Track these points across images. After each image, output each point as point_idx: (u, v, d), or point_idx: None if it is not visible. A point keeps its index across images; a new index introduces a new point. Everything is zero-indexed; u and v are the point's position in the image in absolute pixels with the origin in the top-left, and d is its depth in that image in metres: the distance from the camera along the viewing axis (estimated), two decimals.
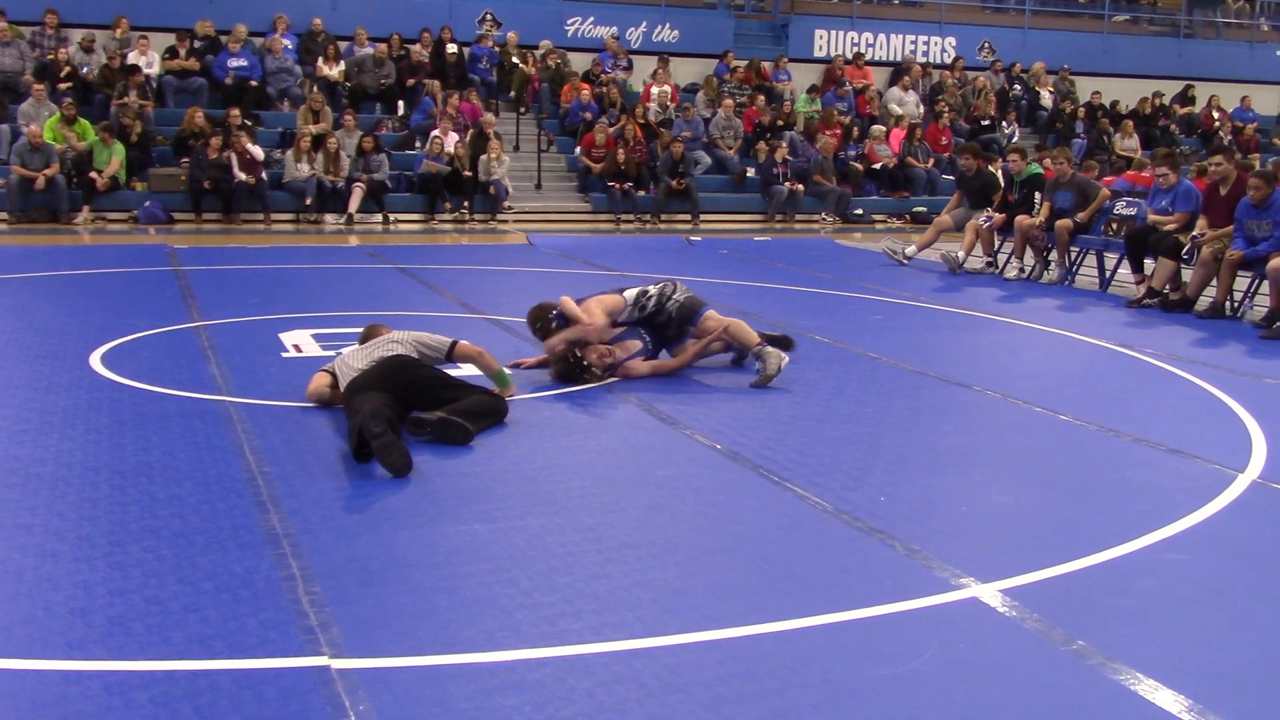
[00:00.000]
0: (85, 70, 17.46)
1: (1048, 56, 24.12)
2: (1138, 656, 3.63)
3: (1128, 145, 21.77)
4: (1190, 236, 10.65)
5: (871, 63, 22.91)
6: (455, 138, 17.40)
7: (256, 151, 16.22)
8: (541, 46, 20.55)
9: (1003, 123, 21.99)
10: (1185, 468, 5.73)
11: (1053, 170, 12.64)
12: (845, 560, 4.42)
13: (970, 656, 3.65)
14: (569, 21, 21.50)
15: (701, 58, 21.86)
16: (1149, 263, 11.09)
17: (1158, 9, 28.08)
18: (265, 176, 16.26)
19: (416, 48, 19.42)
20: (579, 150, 18.64)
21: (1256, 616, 4.04)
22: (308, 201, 16.28)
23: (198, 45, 18.35)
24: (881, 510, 4.96)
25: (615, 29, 21.58)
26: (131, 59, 17.63)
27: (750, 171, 19.23)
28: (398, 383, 5.82)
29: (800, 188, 18.74)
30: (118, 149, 15.76)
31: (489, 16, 20.94)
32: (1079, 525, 4.88)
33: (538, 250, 14.30)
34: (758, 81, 21.36)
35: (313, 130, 16.79)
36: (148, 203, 15.75)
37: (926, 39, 23.98)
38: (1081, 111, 22.95)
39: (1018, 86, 23.43)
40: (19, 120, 15.87)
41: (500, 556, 4.34)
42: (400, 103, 19.00)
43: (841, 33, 23.29)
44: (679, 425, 6.24)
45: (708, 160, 19.24)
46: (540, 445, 5.83)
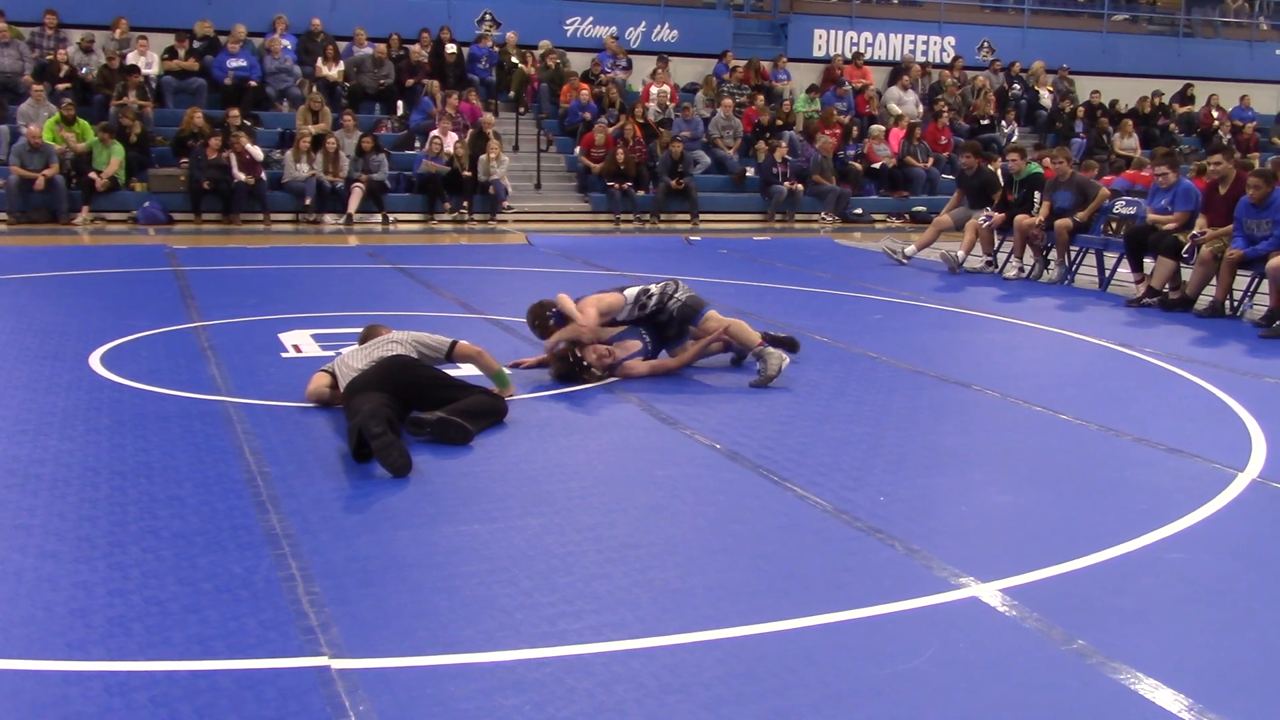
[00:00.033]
0: (84, 71, 17.46)
1: (1047, 56, 24.14)
2: (1137, 656, 3.63)
3: (1127, 144, 21.78)
4: (1190, 235, 10.65)
5: (871, 62, 22.92)
6: (454, 138, 17.40)
7: (256, 152, 16.21)
8: (541, 46, 20.55)
9: (1002, 122, 21.98)
10: (1185, 467, 5.74)
11: (1052, 169, 12.64)
12: (845, 560, 4.42)
13: (970, 656, 3.65)
14: (568, 21, 21.49)
15: (701, 57, 21.87)
16: (1148, 262, 11.09)
17: (1157, 8, 28.08)
18: (264, 177, 16.26)
19: (415, 48, 19.41)
20: (578, 150, 18.64)
21: (1256, 615, 4.04)
22: (307, 202, 16.28)
23: (197, 46, 18.35)
24: (881, 510, 4.96)
25: (614, 29, 21.58)
26: (131, 59, 17.63)
27: (750, 171, 19.23)
28: (397, 383, 5.82)
29: (799, 187, 18.74)
30: (117, 149, 15.76)
31: (488, 16, 20.94)
32: (1079, 525, 4.88)
33: (537, 250, 14.30)
34: (757, 81, 21.36)
35: (312, 130, 16.78)
36: (147, 203, 15.75)
37: (926, 38, 23.99)
38: (1081, 111, 22.95)
39: (1017, 86, 23.43)
40: (18, 121, 15.87)
41: (500, 556, 4.34)
42: (399, 103, 19.00)
43: (841, 32, 23.30)
44: (679, 425, 6.24)
45: (707, 160, 19.24)
46: (540, 445, 5.83)
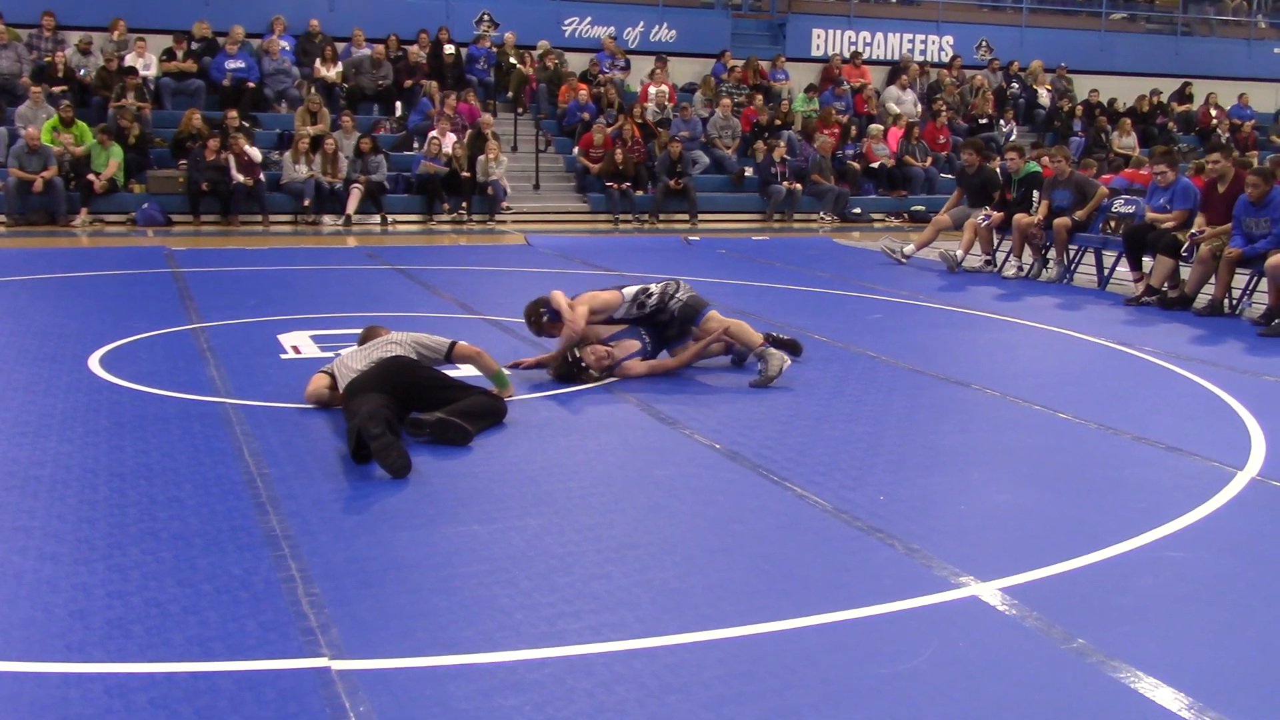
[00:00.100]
0: (82, 72, 17.46)
1: (1045, 54, 24.15)
2: (1137, 654, 3.63)
3: (1125, 143, 21.79)
4: (1188, 234, 10.65)
5: (869, 62, 22.93)
6: (453, 138, 17.39)
7: (254, 153, 16.21)
8: (539, 47, 20.55)
9: (1000, 121, 21.99)
10: (1184, 465, 5.74)
11: (1051, 168, 12.64)
12: (845, 559, 4.42)
13: (970, 655, 3.65)
14: (566, 22, 21.49)
15: (699, 57, 21.88)
16: (1147, 260, 11.08)
17: (1155, 7, 28.10)
18: (263, 178, 16.25)
19: (414, 48, 19.41)
20: (577, 150, 18.63)
21: (1256, 614, 4.04)
22: (306, 203, 16.27)
23: (195, 47, 18.34)
24: (881, 509, 4.96)
25: (613, 29, 21.58)
26: (129, 61, 17.63)
27: (748, 171, 19.23)
28: (396, 384, 5.82)
29: (798, 187, 18.74)
30: (115, 151, 15.75)
31: (486, 17, 20.94)
32: (1078, 523, 4.88)
33: (536, 250, 14.30)
34: (755, 81, 21.37)
35: (310, 131, 16.78)
36: (146, 205, 15.74)
37: (924, 38, 24.01)
38: (1079, 109, 22.97)
39: (1015, 85, 23.44)
40: (16, 123, 15.86)
41: (499, 557, 4.34)
42: (398, 103, 19.00)
43: (839, 32, 23.31)
44: (678, 425, 6.24)
45: (705, 160, 19.23)
46: (539, 445, 5.83)
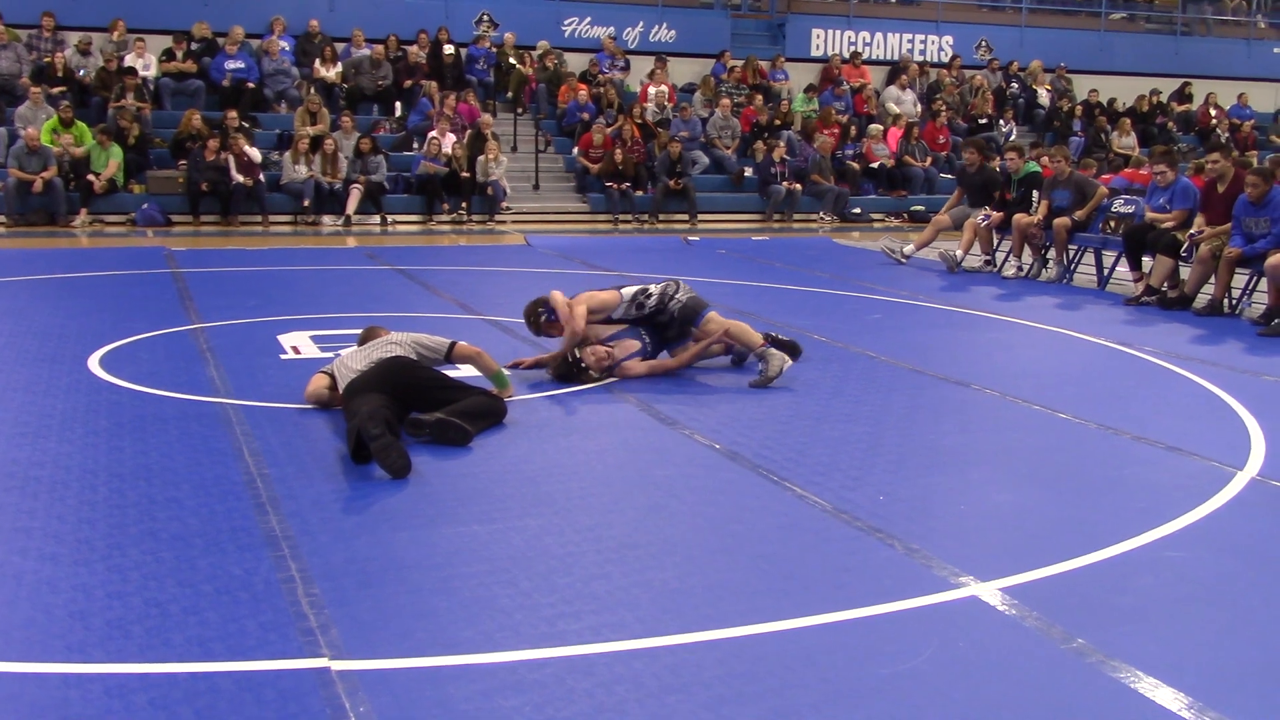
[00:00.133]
0: (82, 73, 17.46)
1: (1045, 54, 24.15)
2: (1137, 654, 3.63)
3: (1125, 143, 21.80)
4: (1188, 234, 10.65)
5: (868, 62, 22.93)
6: (453, 139, 17.39)
7: (254, 153, 16.21)
8: (539, 47, 20.55)
9: (1000, 121, 22.00)
10: (1184, 465, 5.74)
11: (1050, 168, 12.65)
12: (844, 559, 4.42)
13: (970, 655, 3.65)
14: (566, 22, 21.49)
15: (698, 57, 21.87)
16: (1147, 260, 11.09)
17: (1154, 7, 28.10)
18: (263, 178, 16.24)
19: (413, 49, 19.41)
20: (576, 151, 18.63)
21: (1256, 614, 4.04)
22: (305, 203, 16.27)
23: (195, 47, 18.34)
24: (880, 509, 4.96)
25: (612, 29, 21.58)
26: (128, 61, 17.62)
27: (748, 171, 19.22)
28: (396, 384, 5.82)
29: (798, 187, 18.74)
30: (115, 151, 15.75)
31: (486, 17, 20.93)
32: (1078, 523, 4.88)
33: (535, 251, 14.30)
34: (755, 81, 21.37)
35: (310, 132, 16.78)
36: (145, 205, 15.74)
37: (923, 38, 24.01)
38: (1079, 109, 22.97)
39: (1015, 85, 23.44)
40: (16, 123, 15.86)
41: (499, 557, 4.34)
42: (398, 104, 18.99)
43: (838, 32, 23.30)
44: (677, 425, 6.24)
45: (705, 160, 19.23)
46: (539, 446, 5.83)
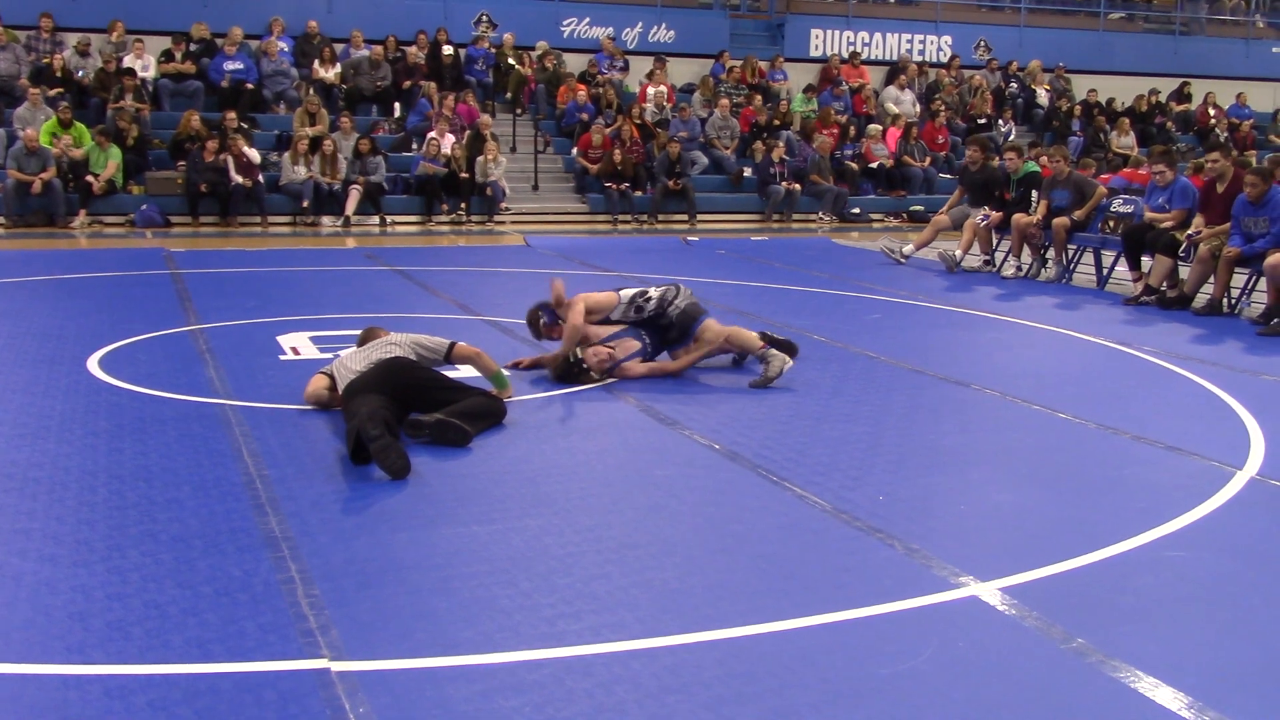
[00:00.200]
0: (81, 74, 17.45)
1: (1044, 54, 24.16)
2: (1137, 654, 3.63)
3: (1124, 143, 21.81)
4: (1186, 234, 10.65)
5: (868, 62, 22.93)
6: (452, 139, 17.39)
7: (253, 154, 16.20)
8: (538, 47, 20.55)
9: (999, 121, 22.00)
10: (1184, 465, 5.74)
11: (1049, 168, 12.65)
12: (844, 559, 4.42)
13: (969, 655, 3.65)
14: (565, 22, 21.49)
15: (697, 58, 21.87)
16: (1146, 260, 11.09)
17: (1153, 6, 28.11)
18: (262, 179, 16.23)
19: (412, 49, 19.40)
20: (575, 151, 18.63)
21: (1256, 613, 4.04)
22: (305, 204, 16.26)
23: (193, 48, 18.34)
24: (880, 509, 4.96)
25: (611, 30, 21.57)
26: (127, 62, 17.61)
27: (747, 171, 19.22)
28: (396, 385, 5.82)
29: (797, 187, 18.74)
30: (114, 152, 15.75)
31: (485, 18, 20.93)
32: (1078, 523, 4.88)
33: (535, 251, 14.29)
34: (754, 81, 21.37)
35: (309, 133, 16.77)
36: (144, 206, 15.73)
37: (922, 38, 24.01)
38: (1078, 109, 22.97)
39: (1014, 85, 23.45)
40: (15, 124, 15.85)
41: (499, 558, 4.33)
42: (396, 105, 18.99)
43: (837, 32, 23.31)
44: (677, 425, 6.24)
45: (704, 160, 19.23)
46: (538, 446, 5.83)
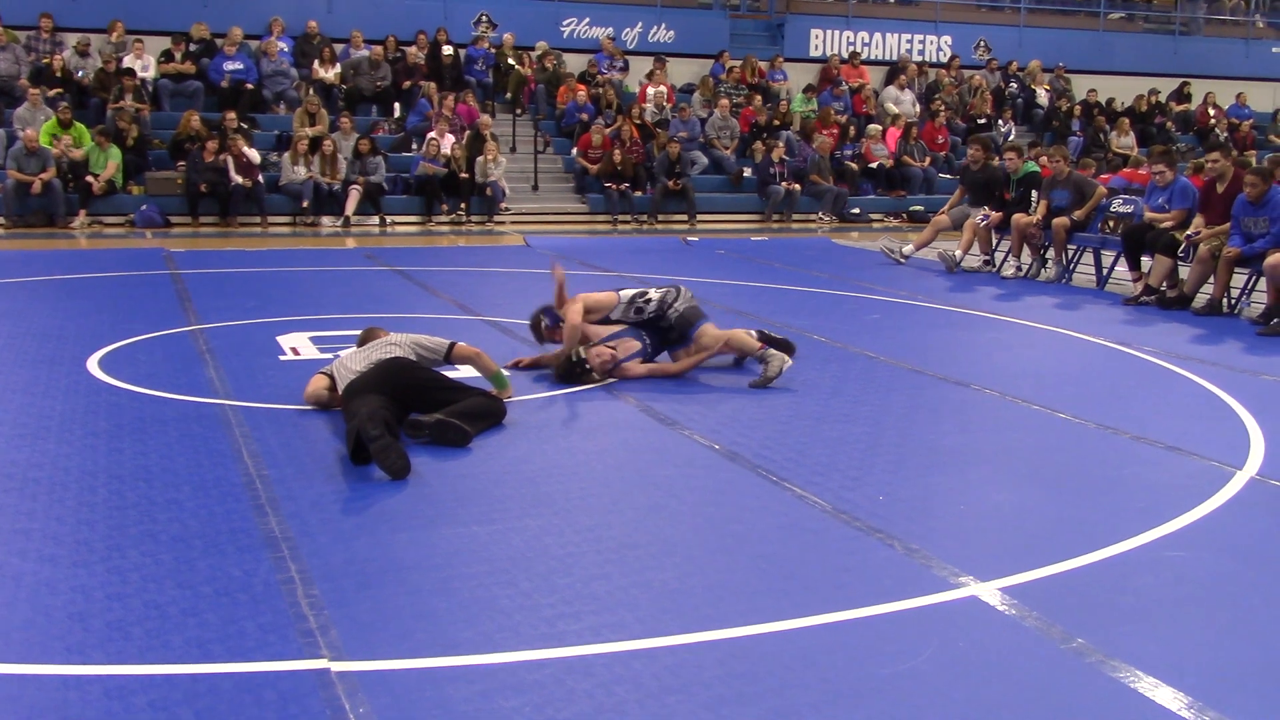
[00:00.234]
0: (80, 74, 17.45)
1: (1043, 54, 24.16)
2: (1137, 654, 3.63)
3: (1124, 143, 21.81)
4: (1186, 234, 10.65)
5: (867, 62, 22.93)
6: (452, 139, 17.39)
7: (253, 154, 16.20)
8: (537, 48, 20.55)
9: (999, 121, 22.00)
10: (1184, 465, 5.74)
11: (1049, 168, 12.65)
12: (844, 560, 4.42)
13: (969, 655, 3.65)
14: (565, 23, 21.49)
15: (697, 58, 21.87)
16: (1146, 260, 11.09)
17: (1153, 6, 28.11)
18: (262, 179, 16.23)
19: (412, 50, 19.40)
20: (575, 151, 18.63)
21: (1256, 613, 4.04)
22: (304, 204, 16.26)
23: (193, 48, 18.34)
24: (880, 509, 4.96)
25: (611, 30, 21.58)
26: (127, 62, 17.61)
27: (747, 171, 19.22)
28: (395, 385, 5.82)
29: (797, 187, 18.74)
30: (114, 153, 15.75)
31: (484, 18, 20.93)
32: (1078, 523, 4.88)
33: (534, 252, 14.29)
34: (754, 81, 21.37)
35: (309, 133, 16.77)
36: (144, 206, 15.73)
37: (922, 38, 24.01)
38: (1078, 109, 22.97)
39: (1014, 85, 23.45)
40: (15, 125, 15.85)
41: (499, 558, 4.33)
42: (396, 105, 18.99)
43: (837, 32, 23.31)
44: (677, 425, 6.24)
45: (704, 160, 19.23)
46: (538, 446, 5.83)
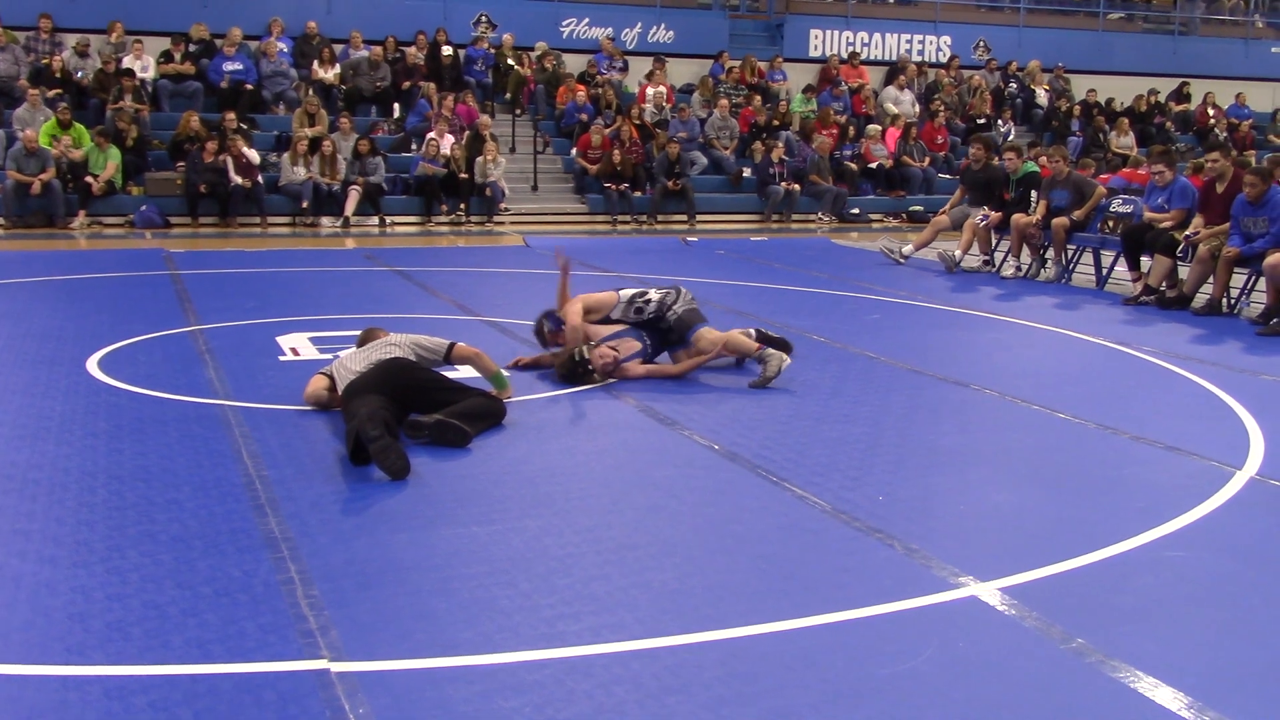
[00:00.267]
0: (80, 75, 17.44)
1: (1043, 54, 24.16)
2: (1137, 654, 3.63)
3: (1123, 143, 21.81)
4: (1185, 234, 10.65)
5: (867, 62, 22.92)
6: (451, 140, 17.39)
7: (252, 155, 16.20)
8: (537, 48, 20.54)
9: (998, 121, 22.01)
10: (1183, 465, 5.74)
11: (1049, 168, 12.65)
12: (844, 560, 4.42)
13: (969, 655, 3.65)
14: (564, 23, 21.49)
15: (697, 58, 21.87)
16: (1145, 260, 11.09)
17: (1152, 6, 28.11)
18: (261, 180, 16.23)
19: (412, 50, 19.40)
20: (575, 151, 18.63)
21: (1255, 613, 4.04)
22: (304, 205, 16.25)
23: (192, 49, 18.33)
24: (880, 509, 4.96)
25: (610, 30, 21.57)
26: (126, 63, 17.60)
27: (746, 171, 19.21)
28: (395, 385, 5.82)
29: (796, 187, 18.73)
30: (113, 153, 15.74)
31: (484, 18, 20.93)
32: (1077, 523, 4.88)
33: (534, 252, 14.29)
34: (753, 81, 21.37)
35: (309, 133, 16.76)
36: (144, 207, 15.72)
37: (922, 38, 24.01)
38: (1077, 109, 22.97)
39: (1013, 85, 23.45)
40: (14, 125, 15.85)
41: (499, 558, 4.33)
42: (396, 105, 18.98)
43: (837, 32, 23.31)
44: (677, 426, 6.24)
45: (704, 160, 19.23)
46: (538, 447, 5.83)
